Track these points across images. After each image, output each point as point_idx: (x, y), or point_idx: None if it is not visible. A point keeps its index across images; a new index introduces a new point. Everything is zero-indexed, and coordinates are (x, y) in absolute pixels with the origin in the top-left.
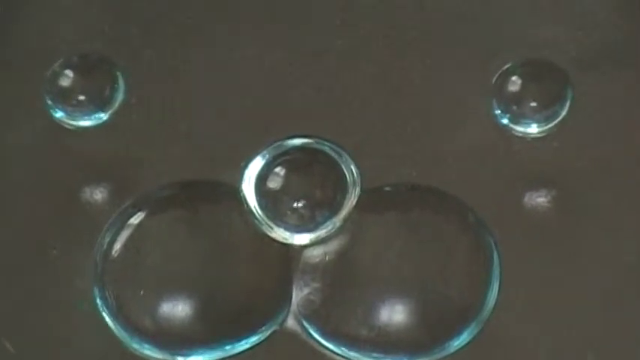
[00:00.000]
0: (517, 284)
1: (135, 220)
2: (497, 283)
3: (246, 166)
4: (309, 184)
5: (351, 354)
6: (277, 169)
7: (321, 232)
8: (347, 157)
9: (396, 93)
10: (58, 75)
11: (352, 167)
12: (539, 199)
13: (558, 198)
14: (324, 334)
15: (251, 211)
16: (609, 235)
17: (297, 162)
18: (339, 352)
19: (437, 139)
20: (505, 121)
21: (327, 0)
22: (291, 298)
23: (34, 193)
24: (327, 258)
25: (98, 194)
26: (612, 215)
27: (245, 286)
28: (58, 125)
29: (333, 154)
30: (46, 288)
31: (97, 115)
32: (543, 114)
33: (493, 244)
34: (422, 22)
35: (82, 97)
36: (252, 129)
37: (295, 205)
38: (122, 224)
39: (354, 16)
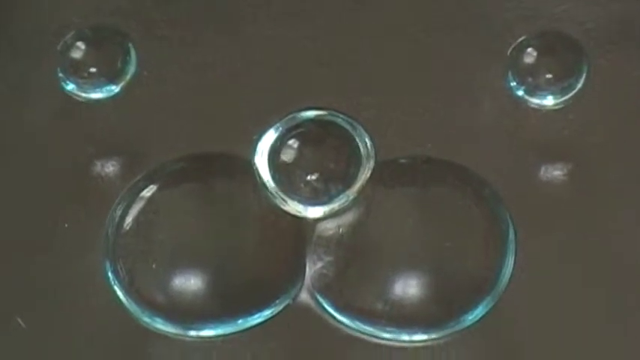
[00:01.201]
0: (532, 258)
1: (147, 193)
2: (513, 256)
3: (259, 139)
4: (323, 157)
5: (365, 328)
6: (290, 142)
7: (335, 205)
8: (361, 129)
9: (411, 66)
10: (69, 47)
11: (366, 140)
12: (554, 172)
13: (574, 171)
14: (337, 308)
15: (264, 185)
16: (625, 209)
17: (310, 134)
18: (352, 326)
19: (452, 112)
20: (520, 93)
21: None
22: (304, 271)
23: (44, 167)
24: (340, 231)
25: (109, 167)
26: (628, 188)
27: (258, 260)
28: (69, 98)
29: (347, 126)
30: (57, 262)
31: (108, 88)
32: (559, 86)
33: (508, 217)
34: (431, 2)
35: (93, 70)
36: (265, 101)
37: (309, 177)
38: (134, 197)
39: None
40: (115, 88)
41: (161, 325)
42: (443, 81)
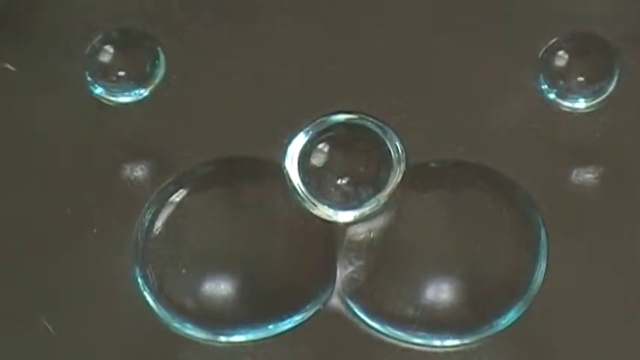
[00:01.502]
0: (564, 262)
1: (176, 197)
2: (545, 260)
3: (289, 143)
4: (353, 161)
5: (396, 333)
6: (321, 146)
7: (366, 210)
8: (391, 133)
9: (442, 69)
10: (97, 50)
11: (397, 143)
12: (586, 175)
13: (606, 175)
14: (368, 313)
15: (294, 189)
16: None
17: (340, 138)
18: (383, 331)
19: (483, 115)
20: (552, 96)
21: None
22: (335, 276)
23: (73, 171)
24: (371, 236)
25: (138, 172)
26: None
27: (288, 265)
28: (97, 102)
29: (377, 130)
30: (86, 267)
31: (137, 91)
32: (590, 89)
33: (540, 221)
34: (461, 5)
35: (121, 73)
36: (295, 105)
37: (339, 182)
38: (163, 202)
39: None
40: (144, 92)
41: (191, 331)
42: (473, 84)
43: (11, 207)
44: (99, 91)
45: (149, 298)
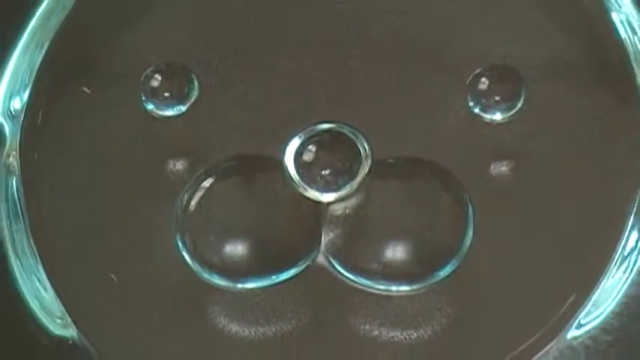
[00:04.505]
0: (486, 230)
1: (205, 184)
2: (472, 229)
3: (287, 144)
4: (333, 158)
5: (365, 282)
6: (310, 147)
7: (342, 193)
8: (361, 137)
9: (399, 91)
10: (149, 78)
11: (365, 144)
12: (502, 168)
13: (517, 168)
14: (344, 268)
15: (291, 177)
16: (555, 194)
17: (324, 141)
18: (356, 280)
19: (428, 124)
20: (477, 110)
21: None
22: (320, 241)
23: (131, 167)
24: (347, 211)
25: (179, 166)
26: (557, 180)
27: (286, 233)
28: (149, 115)
29: (350, 135)
30: (142, 235)
31: (177, 107)
32: (504, 105)
33: (468, 200)
34: (413, 45)
35: (167, 94)
36: (292, 117)
37: (323, 172)
38: (196, 187)
39: (368, 36)
40: (183, 108)
41: (217, 280)
42: (422, 101)
43: (88, 194)
44: (150, 107)
45: (186, 257)
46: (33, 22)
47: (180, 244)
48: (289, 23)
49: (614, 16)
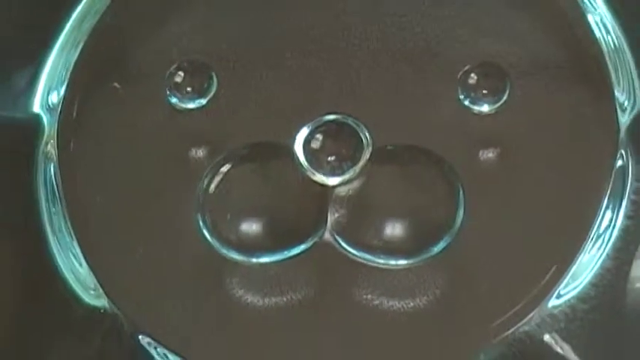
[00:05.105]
0: (475, 210)
1: (224, 169)
2: (462, 209)
3: (296, 133)
4: (338, 145)
5: (366, 256)
6: (317, 135)
7: (346, 177)
8: (363, 126)
9: (397, 86)
10: (173, 74)
11: (366, 133)
12: (489, 155)
13: (502, 154)
14: (349, 244)
15: (300, 163)
16: (537, 178)
17: (330, 130)
18: (358, 255)
19: (423, 115)
20: (467, 102)
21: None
22: (326, 220)
23: (156, 154)
24: (350, 193)
25: (200, 153)
26: (539, 166)
27: (296, 212)
28: (173, 108)
29: (353, 124)
30: (167, 214)
31: (198, 101)
32: (491, 98)
33: (459, 183)
34: (410, 45)
35: (189, 89)
36: (301, 110)
37: (329, 159)
38: (215, 172)
39: (369, 37)
40: (203, 101)
41: (233, 255)
42: (419, 95)
43: (119, 179)
44: (174, 100)
45: (206, 234)
46: (69, 25)
47: (200, 222)
48: (298, 26)
49: (590, 17)
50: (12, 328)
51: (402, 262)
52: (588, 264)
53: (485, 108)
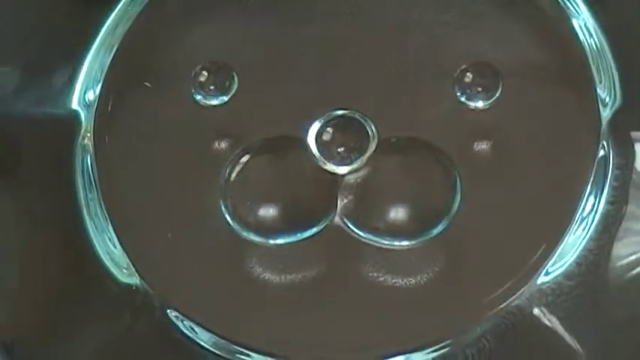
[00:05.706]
0: (471, 196)
1: (244, 159)
2: (459, 195)
3: (309, 127)
4: (347, 137)
5: (372, 238)
6: (328, 129)
7: (354, 166)
8: (369, 120)
9: (400, 84)
10: (198, 74)
11: (372, 126)
12: (483, 146)
13: (495, 145)
14: (356, 227)
15: (312, 154)
16: (526, 166)
17: (339, 124)
18: (364, 236)
19: (423, 110)
20: (463, 99)
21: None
22: (336, 205)
23: (182, 146)
24: (358, 181)
25: (222, 145)
26: (528, 156)
27: (309, 198)
28: (197, 104)
29: (360, 119)
30: (192, 200)
31: (221, 98)
32: (485, 95)
33: (456, 171)
34: (412, 46)
35: (212, 87)
36: (313, 106)
37: (339, 150)
38: (236, 162)
39: (374, 40)
40: (225, 98)
41: (252, 237)
42: (418, 92)
43: (149, 169)
44: (198, 97)
45: (228, 218)
46: (103, 30)
47: (223, 208)
48: (310, 31)
49: (574, 22)
50: (55, 302)
51: (405, 243)
52: (573, 244)
53: (479, 104)
